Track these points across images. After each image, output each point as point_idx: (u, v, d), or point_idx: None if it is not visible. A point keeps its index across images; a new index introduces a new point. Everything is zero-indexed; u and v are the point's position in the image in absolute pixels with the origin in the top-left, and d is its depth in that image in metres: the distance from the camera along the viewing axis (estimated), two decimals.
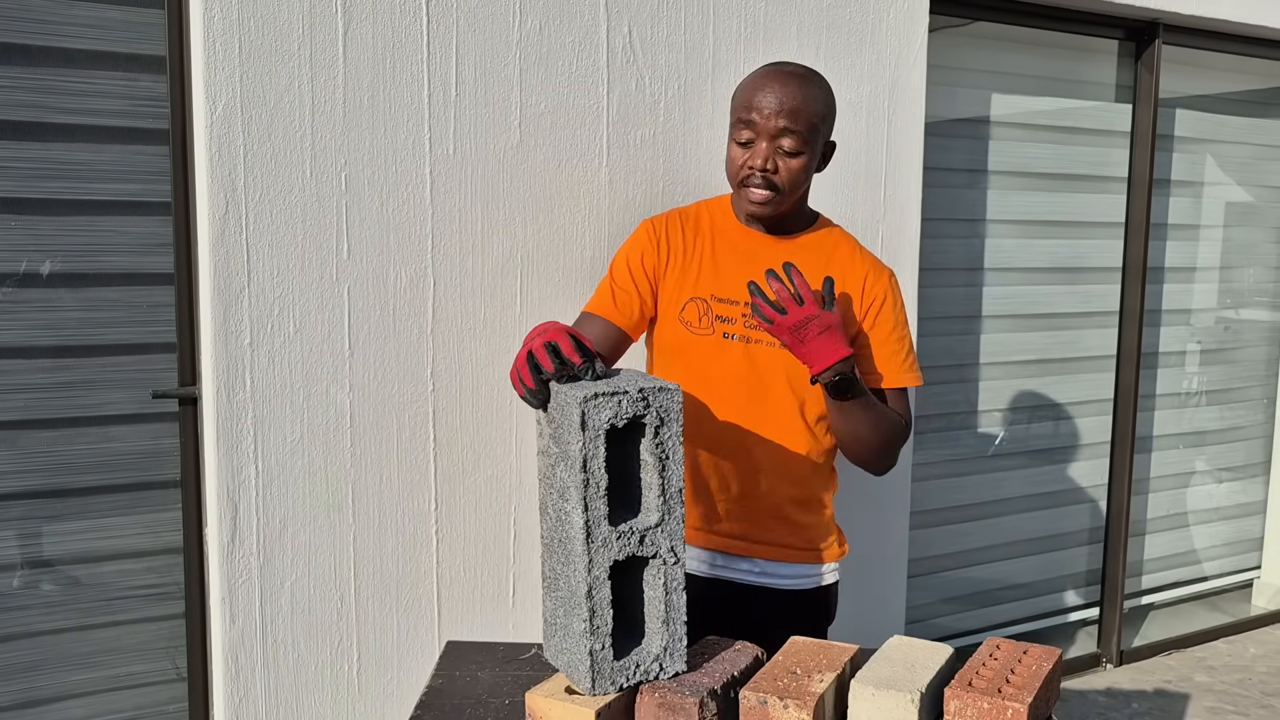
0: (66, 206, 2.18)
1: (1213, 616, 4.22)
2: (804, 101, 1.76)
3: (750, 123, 1.76)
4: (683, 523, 1.48)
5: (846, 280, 1.87)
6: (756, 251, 1.87)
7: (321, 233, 2.22)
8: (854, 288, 1.87)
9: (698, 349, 1.85)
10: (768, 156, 1.76)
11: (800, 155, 1.77)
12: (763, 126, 1.75)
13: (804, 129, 1.76)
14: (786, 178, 1.77)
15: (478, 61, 2.32)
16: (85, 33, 2.16)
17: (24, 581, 2.25)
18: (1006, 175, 3.51)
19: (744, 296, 1.83)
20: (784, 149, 1.76)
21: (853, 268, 1.88)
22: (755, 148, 1.76)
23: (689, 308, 1.85)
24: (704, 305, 1.85)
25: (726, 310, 1.85)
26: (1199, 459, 4.18)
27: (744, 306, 1.83)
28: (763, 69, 1.81)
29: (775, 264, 1.82)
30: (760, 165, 1.75)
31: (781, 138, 1.75)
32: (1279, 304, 4.28)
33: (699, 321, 1.85)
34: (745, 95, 1.78)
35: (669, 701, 1.39)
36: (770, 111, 1.74)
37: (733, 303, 1.84)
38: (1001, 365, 3.61)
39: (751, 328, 1.83)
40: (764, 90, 1.76)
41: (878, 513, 2.99)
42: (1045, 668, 1.44)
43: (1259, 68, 3.95)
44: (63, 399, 2.23)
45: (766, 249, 1.87)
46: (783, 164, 1.77)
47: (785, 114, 1.74)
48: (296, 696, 2.30)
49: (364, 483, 2.31)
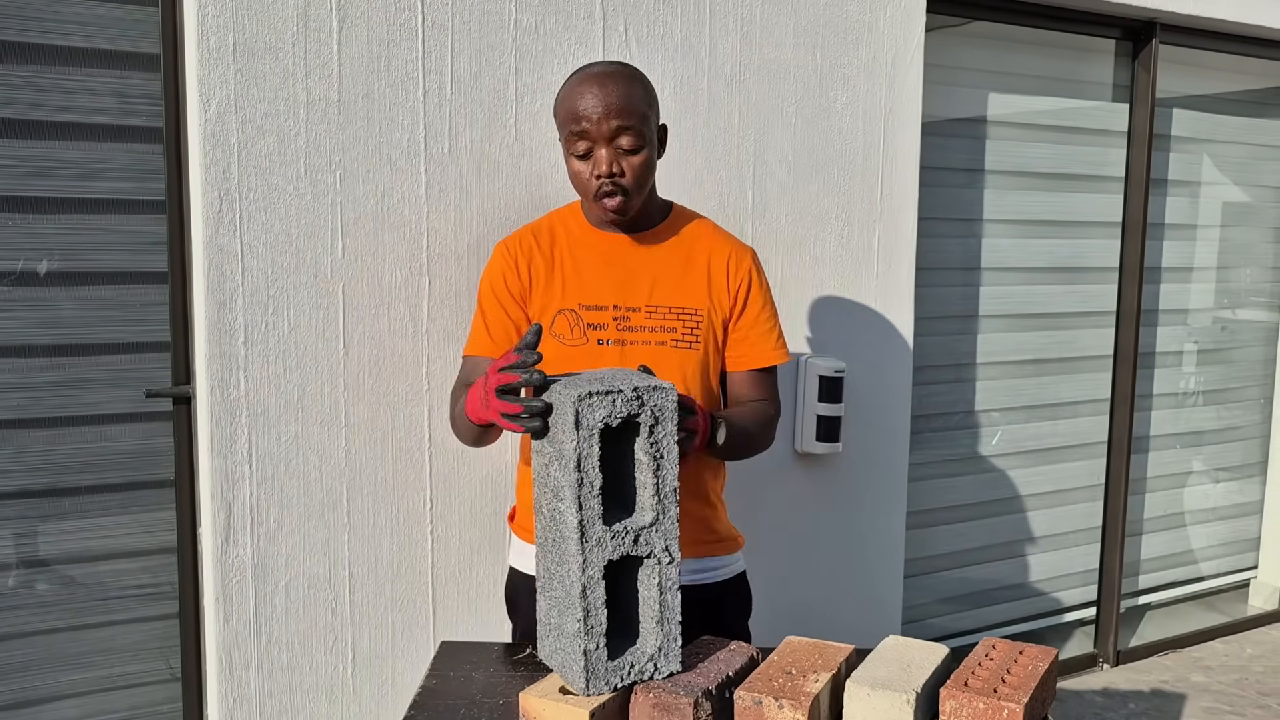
0: (60, 205, 2.18)
1: (1209, 617, 4.22)
2: (628, 97, 1.75)
3: (583, 133, 1.74)
4: (677, 522, 1.47)
5: (712, 265, 1.88)
6: (616, 253, 1.87)
7: (316, 231, 2.21)
8: (719, 272, 1.88)
9: (575, 361, 1.83)
10: (611, 161, 1.75)
11: (640, 151, 1.77)
12: (596, 132, 1.74)
13: (636, 123, 1.75)
14: (633, 177, 1.77)
15: (473, 60, 2.32)
16: (79, 30, 2.15)
17: (18, 581, 2.24)
18: (1003, 175, 3.51)
19: (611, 300, 1.83)
20: (623, 148, 1.75)
21: (715, 252, 1.89)
22: (595, 156, 1.75)
23: (559, 321, 1.84)
24: (574, 316, 1.84)
25: (596, 317, 1.84)
26: (1196, 459, 4.18)
27: (614, 310, 1.83)
28: (576, 76, 1.80)
29: (636, 264, 1.85)
30: (606, 171, 1.75)
31: (618, 138, 1.74)
32: (1275, 304, 4.28)
33: (571, 333, 1.84)
34: (568, 106, 1.76)
35: (663, 702, 1.39)
36: (599, 116, 1.73)
37: (601, 308, 1.84)
38: (998, 365, 3.61)
39: (625, 329, 1.83)
40: (586, 96, 1.74)
41: (874, 513, 2.99)
42: (1041, 668, 1.44)
43: (1256, 67, 3.95)
44: (56, 398, 2.22)
45: (625, 249, 1.87)
46: (626, 164, 1.76)
47: (614, 114, 1.73)
48: (291, 696, 2.29)
49: (358, 482, 2.31)
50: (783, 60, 2.69)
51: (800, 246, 2.77)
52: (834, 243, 2.82)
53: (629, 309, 1.84)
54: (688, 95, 2.56)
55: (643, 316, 1.84)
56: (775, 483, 2.81)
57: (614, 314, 1.84)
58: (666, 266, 1.87)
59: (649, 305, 1.84)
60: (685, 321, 1.86)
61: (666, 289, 1.86)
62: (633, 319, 1.84)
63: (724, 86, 2.61)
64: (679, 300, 1.86)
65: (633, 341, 1.83)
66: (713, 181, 2.62)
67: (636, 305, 1.84)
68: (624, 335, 1.83)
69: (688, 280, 1.87)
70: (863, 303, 2.89)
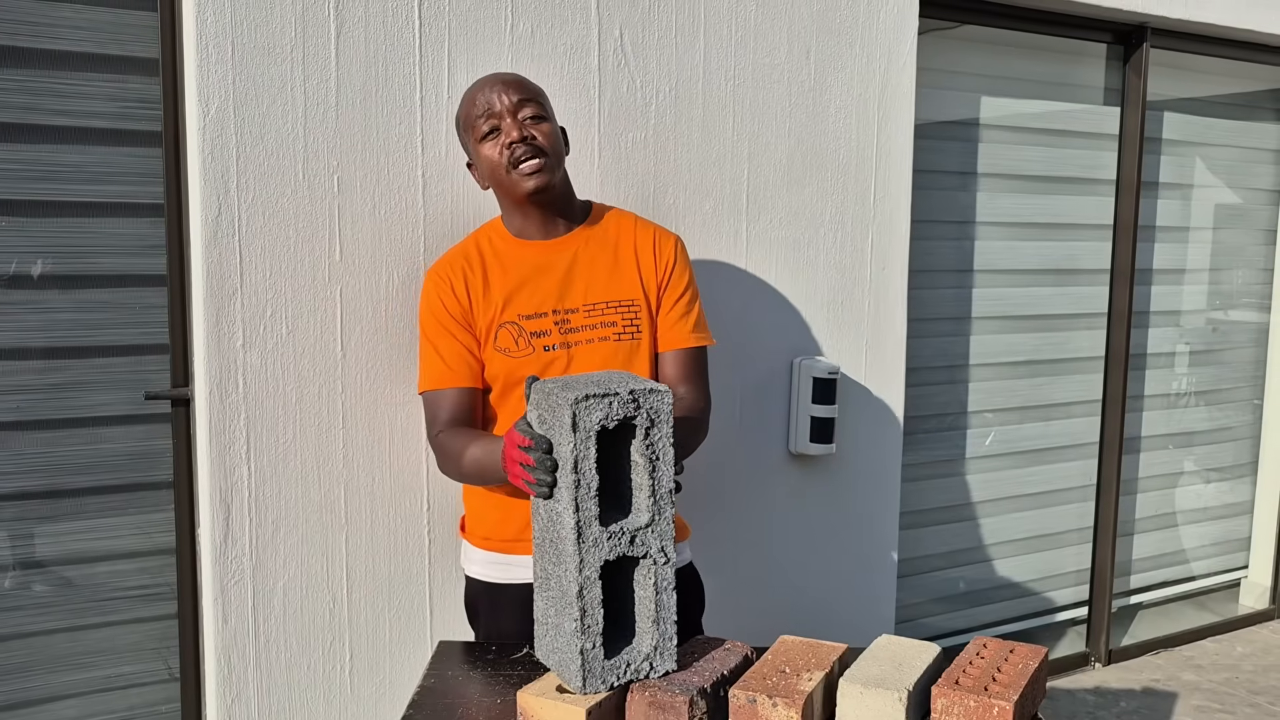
0: (59, 208, 2.19)
1: (1200, 616, 4.25)
2: (523, 79, 1.87)
3: (488, 113, 1.82)
4: (673, 523, 1.49)
5: (639, 250, 1.92)
6: (544, 259, 1.90)
7: (314, 234, 2.22)
8: (646, 256, 1.92)
9: (524, 370, 1.86)
10: (521, 127, 1.81)
11: (545, 120, 1.84)
12: (501, 110, 1.81)
13: (535, 96, 1.84)
14: (546, 141, 1.82)
15: (470, 64, 2.33)
16: (77, 34, 2.16)
17: (16, 582, 2.25)
18: (996, 178, 3.53)
19: (549, 305, 1.87)
20: (528, 118, 1.82)
21: (639, 239, 1.93)
22: (504, 128, 1.82)
23: (501, 335, 1.86)
24: (516, 329, 1.86)
25: (537, 325, 1.86)
26: (1187, 459, 4.20)
27: (554, 315, 1.86)
28: (469, 88, 1.89)
29: (566, 265, 1.88)
30: (518, 136, 1.80)
31: (521, 110, 1.82)
32: (1266, 305, 4.30)
33: (516, 345, 1.86)
34: (470, 102, 1.85)
35: (659, 700, 1.41)
36: (499, 92, 1.82)
37: (541, 315, 1.87)
38: (991, 366, 3.63)
39: (567, 332, 1.86)
40: (485, 87, 1.84)
41: (867, 513, 3.01)
42: (1031, 666, 1.46)
43: (1246, 71, 3.98)
44: (55, 400, 2.23)
45: (553, 253, 1.90)
46: (537, 130, 1.82)
47: (513, 89, 1.82)
48: (289, 697, 2.30)
49: (356, 484, 2.32)
50: (776, 64, 2.71)
51: (794, 249, 2.79)
52: (828, 245, 2.84)
53: (568, 311, 1.86)
54: (682, 99, 2.58)
55: (582, 316, 1.86)
56: (769, 483, 2.83)
57: (555, 319, 1.86)
58: (597, 262, 1.89)
59: (586, 304, 1.87)
60: (624, 314, 1.88)
61: (600, 285, 1.88)
62: (573, 320, 1.86)
63: (718, 90, 2.63)
64: (614, 294, 1.88)
65: (576, 342, 1.86)
66: (707, 185, 2.64)
67: (574, 306, 1.87)
68: (568, 338, 1.85)
69: (619, 272, 1.90)
70: (856, 304, 2.91)
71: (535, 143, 1.80)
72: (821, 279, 2.84)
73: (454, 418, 1.86)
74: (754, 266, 2.73)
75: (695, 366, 1.93)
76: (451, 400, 1.87)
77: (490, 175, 1.85)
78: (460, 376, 1.87)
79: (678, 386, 1.91)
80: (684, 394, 1.90)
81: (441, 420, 1.87)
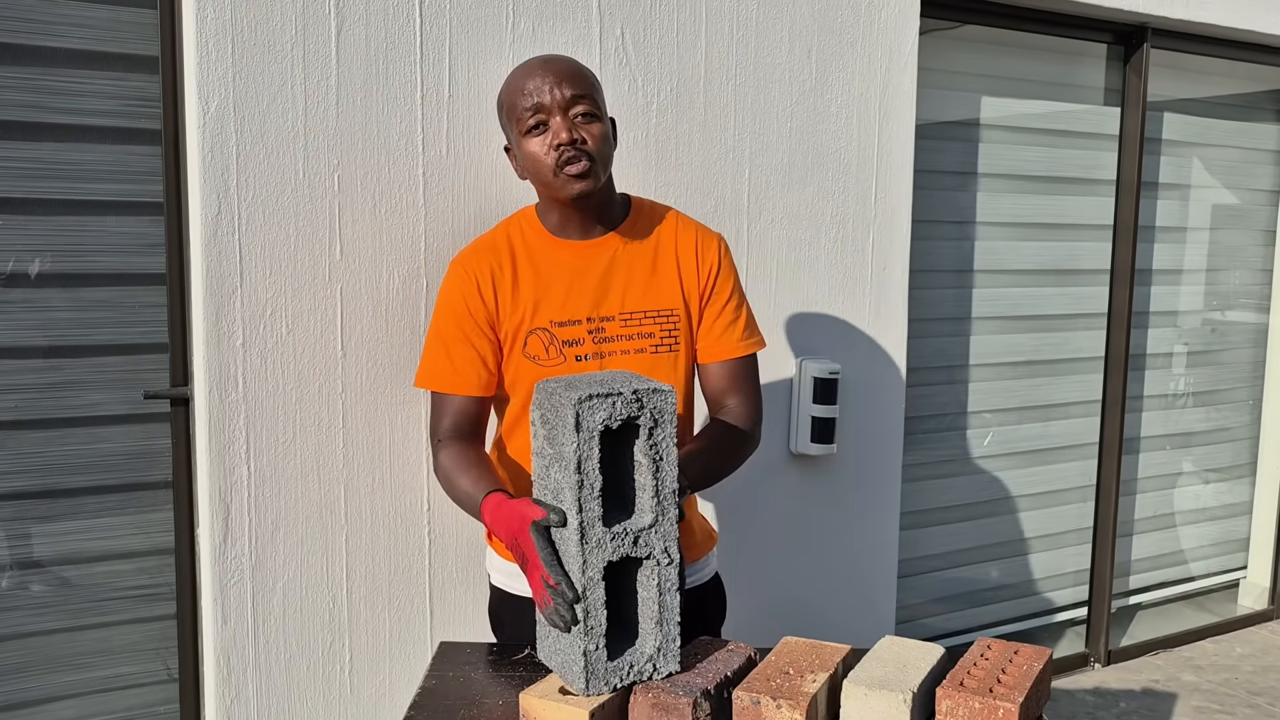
0: (58, 206, 2.18)
1: (1200, 616, 4.25)
2: (577, 68, 1.70)
3: (538, 106, 1.66)
4: (676, 524, 1.48)
5: (680, 255, 1.80)
6: (581, 261, 1.77)
7: (314, 233, 2.22)
8: (688, 261, 1.80)
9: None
10: (571, 128, 1.66)
11: (597, 120, 1.68)
12: (552, 103, 1.66)
13: (589, 92, 1.68)
14: (595, 145, 1.67)
15: (470, 63, 2.32)
16: (77, 32, 2.15)
17: (15, 583, 2.24)
18: (996, 178, 3.53)
19: (584, 313, 1.75)
20: (580, 115, 1.67)
21: (681, 242, 1.81)
22: (552, 126, 1.66)
23: (532, 342, 1.75)
24: (547, 335, 1.75)
25: (570, 333, 1.75)
26: (1186, 460, 4.21)
27: (588, 324, 1.75)
28: (518, 70, 1.73)
29: (604, 269, 1.75)
30: (567, 139, 1.65)
31: (573, 106, 1.67)
32: (1265, 306, 4.31)
33: (547, 353, 1.75)
34: (517, 89, 1.69)
35: (662, 702, 1.40)
36: (552, 85, 1.66)
37: (575, 323, 1.75)
38: (991, 367, 3.63)
39: (601, 341, 1.76)
40: (535, 76, 1.67)
41: (868, 513, 3.01)
42: (1036, 667, 1.45)
43: (1246, 72, 3.98)
44: (54, 399, 2.22)
45: (591, 254, 1.77)
46: (586, 132, 1.67)
47: (566, 82, 1.66)
48: (288, 697, 2.30)
49: (356, 483, 2.31)
50: (778, 64, 2.71)
51: (795, 249, 2.78)
52: (829, 245, 2.84)
53: (603, 319, 1.75)
54: (683, 98, 2.57)
55: (618, 325, 1.76)
56: (770, 484, 2.83)
57: (589, 327, 1.75)
58: (636, 268, 1.78)
59: (623, 313, 1.76)
60: (662, 325, 1.78)
61: (638, 292, 1.77)
62: (608, 329, 1.75)
63: (719, 90, 2.62)
64: (653, 303, 1.77)
65: (611, 353, 1.76)
66: (708, 184, 2.63)
67: (610, 314, 1.76)
68: (601, 348, 1.75)
69: (659, 279, 1.78)
70: (857, 305, 2.91)
71: (585, 146, 1.66)
72: (822, 279, 2.84)
73: (456, 425, 1.78)
74: (755, 266, 2.72)
75: (744, 375, 1.83)
76: (456, 408, 1.77)
77: (532, 171, 1.72)
78: (468, 385, 1.77)
79: (725, 398, 1.82)
80: (732, 405, 1.81)
81: (444, 428, 1.78)
